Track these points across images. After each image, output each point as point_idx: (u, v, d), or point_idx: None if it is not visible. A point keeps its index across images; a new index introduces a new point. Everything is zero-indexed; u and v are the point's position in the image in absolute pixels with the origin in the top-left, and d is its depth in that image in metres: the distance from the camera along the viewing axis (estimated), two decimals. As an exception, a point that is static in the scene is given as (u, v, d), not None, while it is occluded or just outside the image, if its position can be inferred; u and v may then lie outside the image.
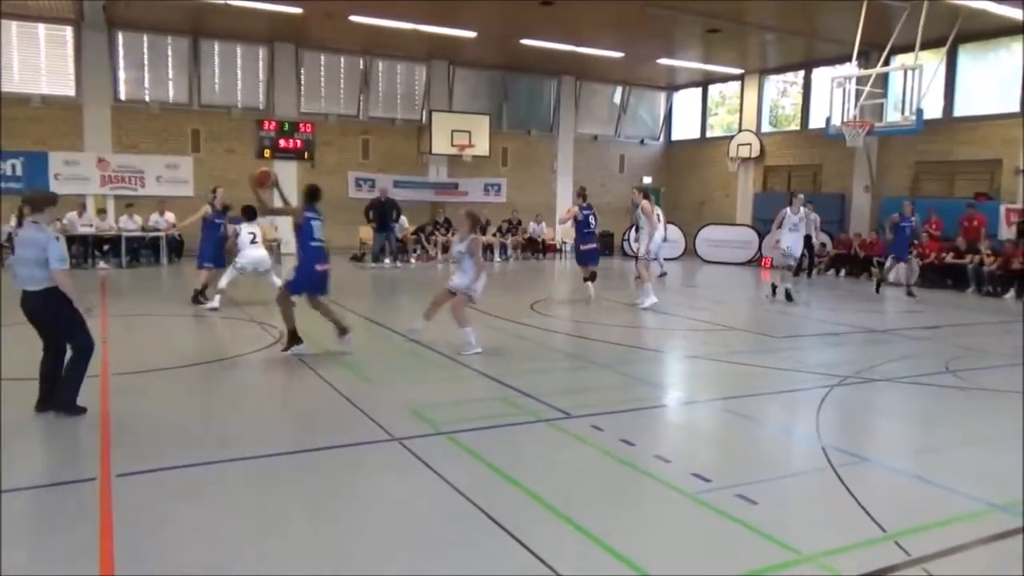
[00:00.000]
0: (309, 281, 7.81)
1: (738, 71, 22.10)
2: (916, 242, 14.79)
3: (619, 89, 24.49)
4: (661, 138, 25.63)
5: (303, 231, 7.74)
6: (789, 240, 12.49)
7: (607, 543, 3.68)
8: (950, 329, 10.49)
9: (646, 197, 12.30)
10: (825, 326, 10.80)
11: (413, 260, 18.77)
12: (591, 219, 12.26)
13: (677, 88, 25.15)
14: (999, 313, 12.50)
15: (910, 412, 6.66)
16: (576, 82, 23.45)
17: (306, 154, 19.89)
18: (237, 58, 19.48)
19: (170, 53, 18.76)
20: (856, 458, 5.12)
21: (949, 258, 15.72)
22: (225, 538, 3.74)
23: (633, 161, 25.03)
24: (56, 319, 5.37)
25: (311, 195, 8.09)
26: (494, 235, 20.68)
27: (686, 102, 25.41)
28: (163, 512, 3.97)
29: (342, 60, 20.56)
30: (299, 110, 20.02)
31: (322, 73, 20.51)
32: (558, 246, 22.26)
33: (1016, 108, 16.09)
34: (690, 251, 21.31)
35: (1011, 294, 14.33)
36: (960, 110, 17.25)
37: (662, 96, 25.51)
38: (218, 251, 11.25)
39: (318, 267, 7.74)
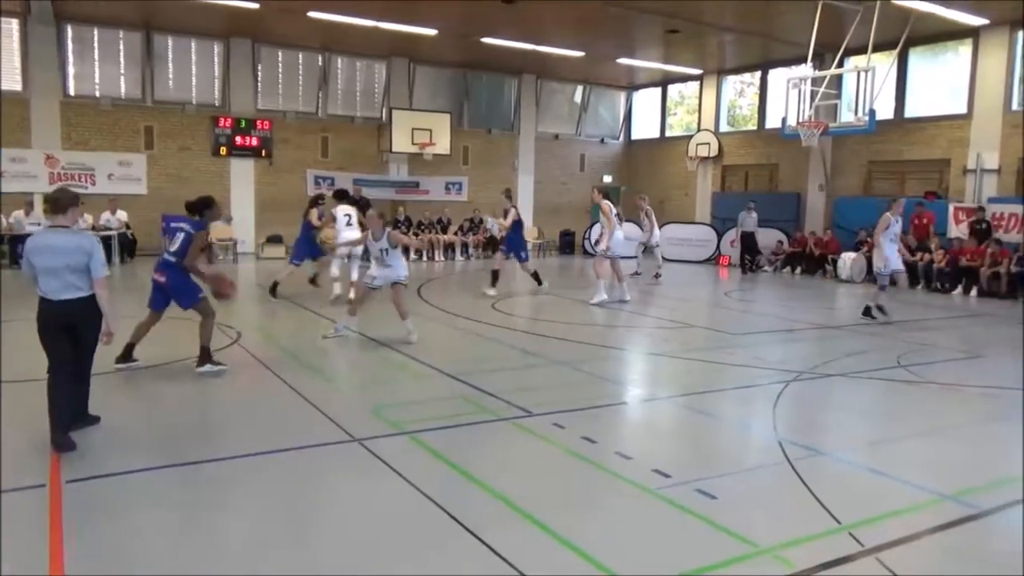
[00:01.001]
0: None
1: (697, 71, 22.38)
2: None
3: (580, 88, 24.62)
4: (621, 137, 25.83)
5: None
6: (889, 252, 10.64)
7: (569, 541, 3.70)
8: (901, 324, 10.76)
9: (606, 197, 12.40)
10: (781, 323, 11.00)
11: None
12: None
13: (637, 88, 25.37)
14: (947, 309, 12.87)
15: (863, 406, 6.82)
16: (537, 81, 23.51)
17: (263, 152, 19.58)
18: (191, 53, 19.08)
19: (122, 47, 18.28)
20: (811, 452, 5.22)
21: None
22: (182, 542, 3.67)
23: (594, 160, 25.18)
24: (92, 331, 4.95)
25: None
26: (455, 234, 20.64)
27: (646, 102, 25.64)
28: (119, 517, 3.87)
29: (300, 56, 20.28)
30: (256, 107, 19.70)
31: (280, 69, 20.21)
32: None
33: (964, 110, 16.57)
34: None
35: (959, 290, 14.77)
36: (911, 111, 17.70)
37: (622, 95, 25.70)
38: (312, 245, 12.10)
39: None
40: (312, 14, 16.09)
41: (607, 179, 24.93)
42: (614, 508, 4.22)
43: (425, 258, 19.51)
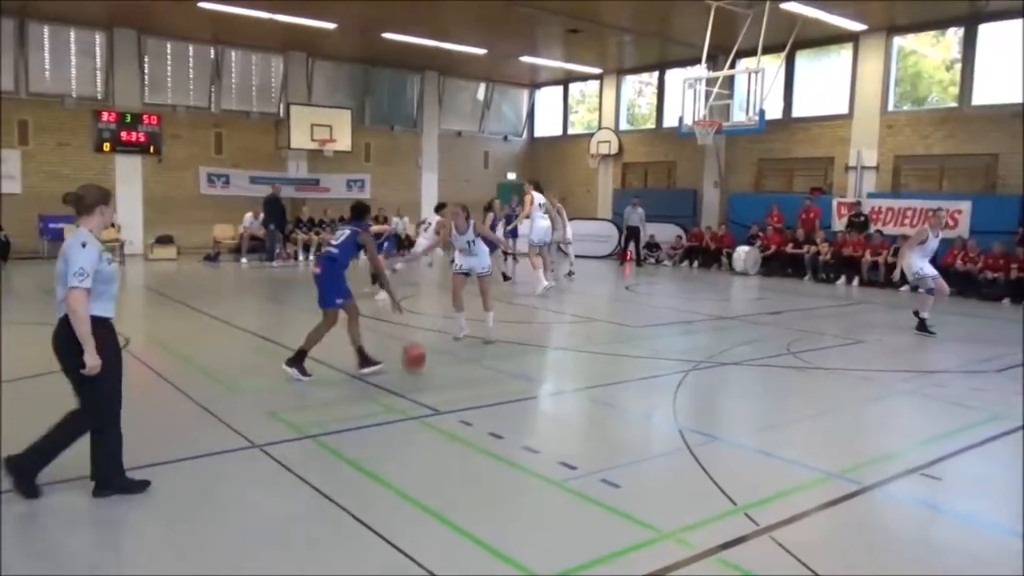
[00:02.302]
0: None
1: (597, 71, 22.81)
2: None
3: (483, 86, 24.65)
4: (524, 134, 26.04)
5: None
6: (921, 264, 9.83)
7: (477, 536, 3.69)
8: (790, 314, 11.32)
9: (537, 189, 12.85)
10: (680, 315, 11.36)
11: (278, 259, 18.04)
12: None
13: (539, 86, 25.63)
14: (832, 298, 13.64)
15: (756, 392, 7.13)
16: (440, 78, 23.38)
17: (152, 148, 18.61)
18: (71, 43, 17.92)
19: (-9, 36, 16.99)
20: (709, 438, 5.41)
21: (789, 248, 16.98)
22: (72, 558, 3.43)
23: (498, 157, 25.28)
24: (66, 361, 3.92)
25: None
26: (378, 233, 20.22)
27: (548, 100, 25.95)
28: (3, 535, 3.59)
29: (191, 48, 19.41)
30: (143, 101, 18.71)
31: (168, 62, 19.25)
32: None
33: (845, 110, 17.59)
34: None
35: (842, 280, 15.68)
36: (797, 112, 18.63)
37: (525, 93, 25.91)
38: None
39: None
40: (202, 4, 15.41)
41: (511, 176, 25.10)
42: (522, 502, 4.24)
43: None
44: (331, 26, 17.11)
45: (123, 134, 18.20)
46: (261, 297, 13.02)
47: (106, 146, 18.05)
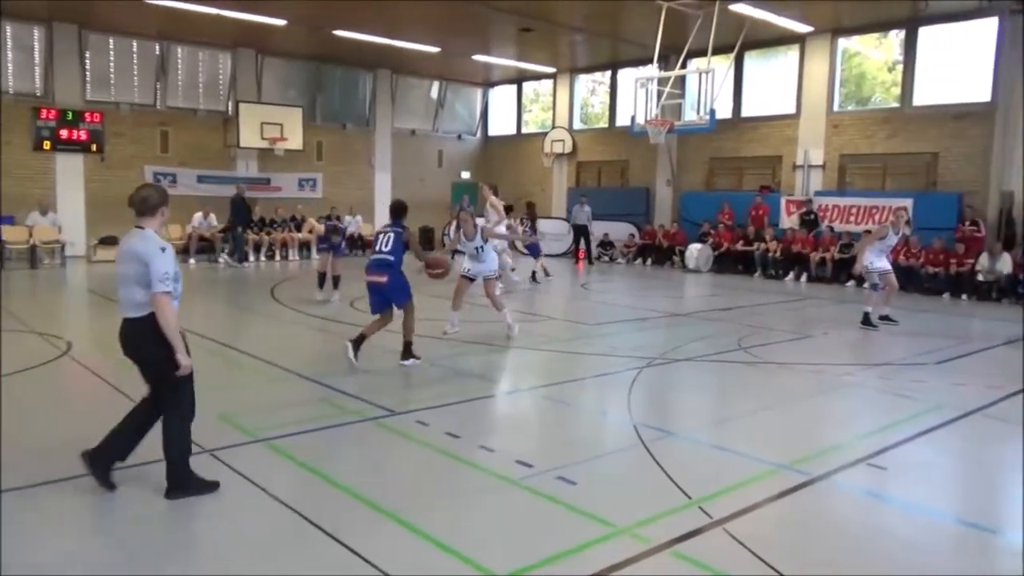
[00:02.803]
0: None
1: (550, 70, 22.89)
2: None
3: (436, 84, 24.53)
4: (479, 133, 26.00)
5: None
6: (873, 258, 10.22)
7: (434, 537, 3.67)
8: (741, 310, 11.53)
9: (494, 192, 12.97)
10: (634, 312, 11.47)
11: (224, 260, 17.68)
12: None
13: (493, 84, 25.62)
14: (782, 294, 13.94)
15: (709, 387, 7.25)
16: (392, 76, 23.18)
17: (94, 146, 18.04)
18: (6, 39, 17.27)
19: (-80, 29, 16.29)
20: (663, 433, 5.47)
21: (739, 245, 17.31)
22: (16, 565, 3.31)
23: (452, 156, 25.19)
24: (151, 359, 4.09)
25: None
26: (310, 232, 19.92)
27: (502, 98, 25.95)
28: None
29: (135, 44, 18.87)
30: (84, 98, 18.13)
31: (111, 58, 18.69)
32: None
33: (793, 110, 17.98)
34: (509, 244, 21.80)
35: (791, 276, 16.04)
36: (747, 111, 18.97)
37: (479, 92, 25.86)
38: None
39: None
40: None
41: (465, 175, 25.03)
42: (479, 501, 4.23)
43: (279, 258, 18.75)
44: (281, 23, 16.83)
45: (63, 132, 17.59)
46: (210, 299, 12.73)
47: (46, 144, 17.41)
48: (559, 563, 3.44)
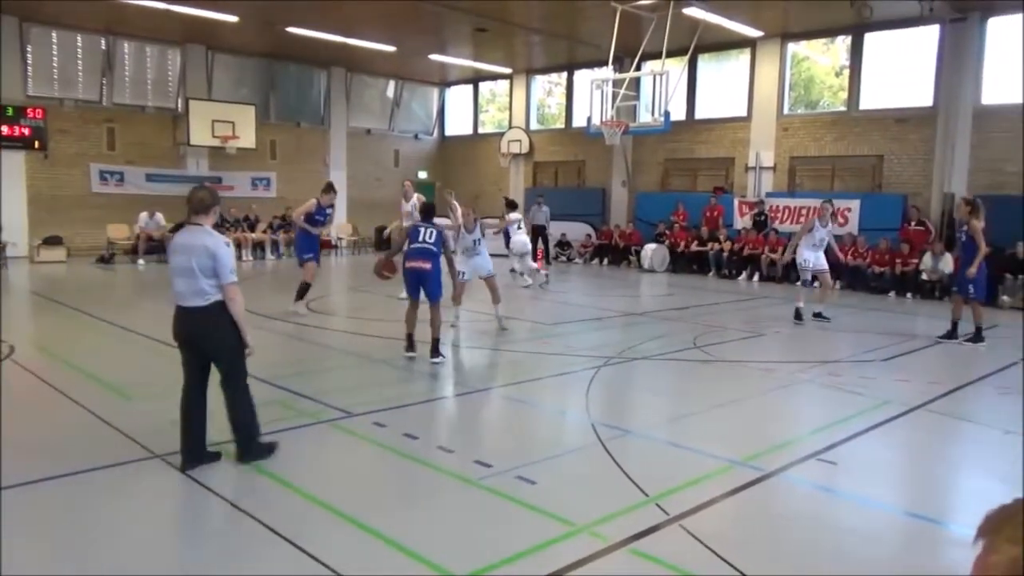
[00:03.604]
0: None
1: (507, 70, 22.90)
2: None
3: (392, 83, 24.34)
4: (435, 133, 25.88)
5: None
6: (808, 255, 10.62)
7: (393, 539, 3.64)
8: (696, 309, 11.70)
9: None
10: (591, 311, 11.56)
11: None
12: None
13: (450, 84, 25.53)
14: (735, 293, 14.19)
15: (665, 385, 7.34)
16: (347, 74, 22.93)
17: (36, 143, 17.41)
18: (-58, 30, 16.62)
19: None
20: (621, 431, 5.53)
21: (694, 246, 17.56)
22: None
23: (408, 156, 25.03)
24: (219, 342, 4.56)
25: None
26: (264, 232, 19.66)
27: (459, 98, 25.88)
28: None
29: (79, 38, 18.30)
30: (26, 93, 17.52)
31: (54, 52, 18.11)
32: (333, 242, 21.65)
33: (744, 113, 18.31)
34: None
35: (744, 276, 16.33)
36: (700, 113, 19.26)
37: (435, 92, 25.75)
38: None
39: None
40: (92, -8, 14.58)
41: (422, 175, 24.89)
42: (438, 502, 4.21)
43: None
44: (232, 19, 16.50)
45: (4, 128, 16.95)
46: (159, 300, 12.40)
47: (-15, 141, 16.79)
48: (519, 562, 3.45)
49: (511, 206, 14.40)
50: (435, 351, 7.55)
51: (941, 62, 15.22)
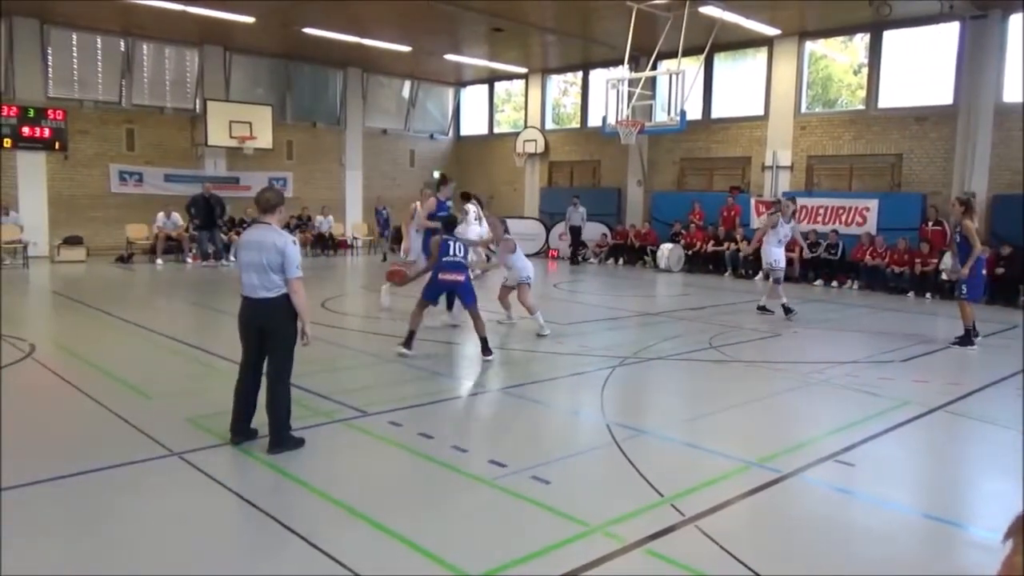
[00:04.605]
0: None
1: (522, 70, 22.89)
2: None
3: (407, 83, 24.41)
4: (450, 133, 25.92)
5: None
6: (777, 253, 11.19)
7: (408, 538, 3.65)
8: (712, 309, 11.64)
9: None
10: (607, 311, 11.53)
11: (190, 260, 17.43)
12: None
13: (465, 84, 25.56)
14: (751, 293, 14.08)
15: (680, 386, 7.31)
16: (363, 74, 23.01)
17: (57, 144, 17.63)
18: (-35, 33, 16.84)
19: None
20: (636, 431, 5.51)
21: (710, 246, 17.48)
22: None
23: (423, 156, 25.08)
24: (281, 331, 4.87)
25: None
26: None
27: (474, 98, 25.90)
28: None
29: (99, 40, 18.50)
30: (47, 94, 17.74)
31: (74, 54, 18.30)
32: (349, 242, 21.75)
33: (761, 112, 18.19)
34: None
35: (760, 276, 16.21)
36: (716, 112, 19.15)
37: (451, 92, 25.79)
38: None
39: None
40: (111, -6, 14.72)
41: (437, 175, 24.90)
42: (452, 502, 4.22)
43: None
44: (249, 20, 16.61)
45: (25, 129, 17.17)
46: (177, 299, 12.54)
47: (6, 142, 16.96)
48: (533, 562, 3.45)
49: (466, 198, 13.85)
50: (486, 349, 7.79)
51: (961, 60, 15.03)
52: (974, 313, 9.21)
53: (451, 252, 7.97)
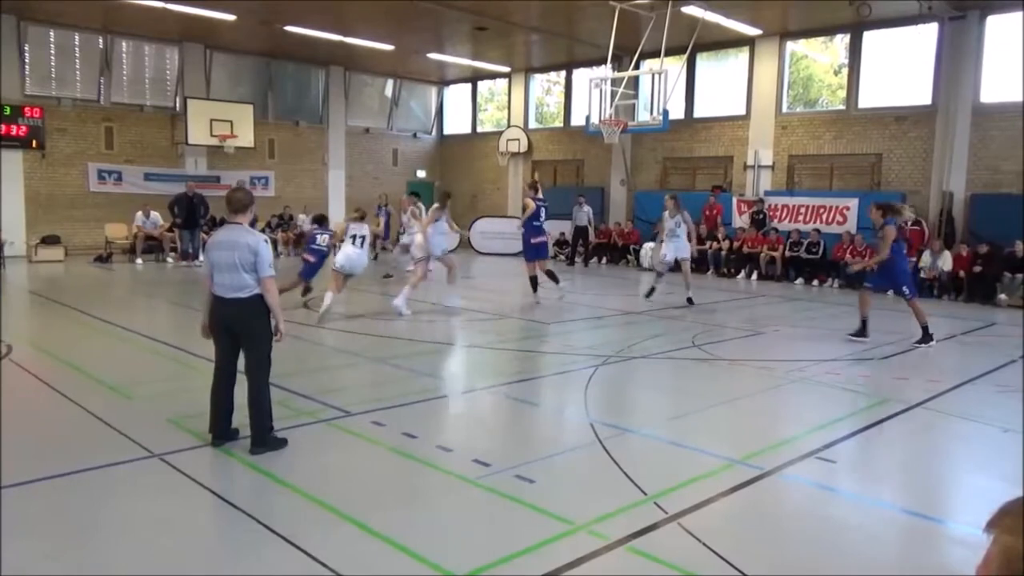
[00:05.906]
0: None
1: (505, 69, 22.87)
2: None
3: (390, 82, 24.31)
4: (434, 132, 25.86)
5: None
6: (665, 248, 12.46)
7: (392, 538, 3.63)
8: (694, 308, 11.69)
9: (414, 203, 13.07)
10: (590, 310, 11.56)
11: (171, 259, 17.26)
12: (542, 212, 12.41)
13: (448, 83, 25.51)
14: (733, 292, 14.19)
15: (663, 384, 7.33)
16: (345, 73, 22.90)
17: (34, 142, 17.40)
18: (-61, 29, 16.58)
19: None
20: (620, 430, 5.52)
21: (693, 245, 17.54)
22: None
23: (407, 155, 25.00)
24: (256, 331, 4.89)
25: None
26: (262, 231, 19.61)
27: (457, 97, 25.86)
28: None
29: (77, 37, 18.28)
30: (23, 92, 17.50)
31: (52, 51, 18.08)
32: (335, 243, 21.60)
33: (743, 111, 18.30)
34: (464, 243, 21.73)
35: (742, 275, 16.33)
36: (699, 112, 19.25)
37: (434, 90, 25.73)
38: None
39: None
40: (89, -9, 14.54)
41: (421, 174, 24.89)
42: (436, 501, 4.21)
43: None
44: (231, 17, 16.48)
45: (1, 127, 16.94)
46: (158, 299, 12.41)
47: (-18, 140, 16.76)
48: (517, 561, 3.44)
49: (416, 196, 14.04)
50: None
51: (940, 60, 15.22)
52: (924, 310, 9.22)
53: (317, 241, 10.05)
